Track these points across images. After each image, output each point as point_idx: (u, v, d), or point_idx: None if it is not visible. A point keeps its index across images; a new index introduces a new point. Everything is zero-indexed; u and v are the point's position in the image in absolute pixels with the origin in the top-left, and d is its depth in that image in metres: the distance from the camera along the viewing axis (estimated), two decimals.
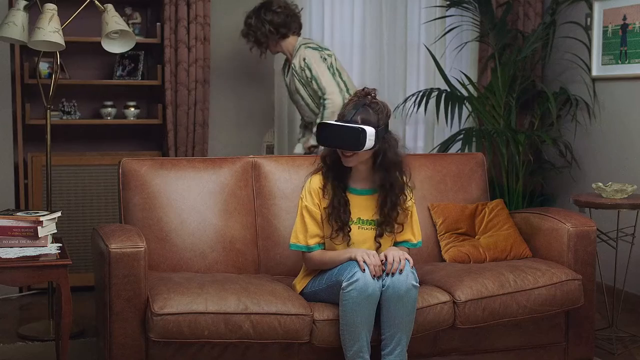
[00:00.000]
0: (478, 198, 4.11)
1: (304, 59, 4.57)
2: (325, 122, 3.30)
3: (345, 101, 4.56)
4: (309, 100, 4.66)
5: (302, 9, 4.93)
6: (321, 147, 3.48)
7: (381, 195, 3.34)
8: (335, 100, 4.52)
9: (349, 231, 3.33)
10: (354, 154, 3.26)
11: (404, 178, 3.36)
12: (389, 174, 3.32)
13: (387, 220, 3.34)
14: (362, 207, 3.35)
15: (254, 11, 4.71)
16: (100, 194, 5.00)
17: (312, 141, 4.66)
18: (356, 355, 3.16)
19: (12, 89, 4.90)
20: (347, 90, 4.61)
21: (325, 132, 3.27)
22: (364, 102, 3.29)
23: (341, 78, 4.62)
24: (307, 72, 4.56)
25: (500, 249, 3.84)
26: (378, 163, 3.31)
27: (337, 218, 3.31)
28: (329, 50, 4.72)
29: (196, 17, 5.01)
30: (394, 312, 3.16)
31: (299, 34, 4.76)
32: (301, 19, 4.80)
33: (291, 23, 4.70)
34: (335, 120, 3.30)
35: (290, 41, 4.71)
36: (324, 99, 4.54)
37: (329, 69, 4.57)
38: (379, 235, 3.36)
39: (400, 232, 3.40)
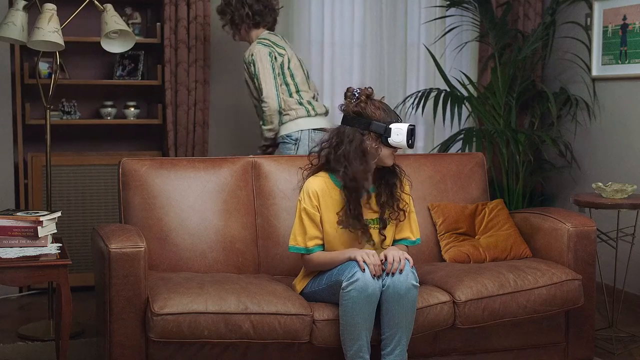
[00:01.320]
0: (478, 198, 4.11)
1: (252, 54, 4.47)
2: (412, 124, 3.28)
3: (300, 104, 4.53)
4: (255, 94, 4.56)
5: (282, 7, 4.88)
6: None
7: (379, 189, 3.36)
8: (271, 105, 4.43)
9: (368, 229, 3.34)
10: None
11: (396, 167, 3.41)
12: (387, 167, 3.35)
13: (389, 209, 3.35)
14: (364, 207, 3.34)
15: None
16: (100, 194, 5.00)
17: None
18: (356, 355, 3.16)
19: (12, 89, 4.90)
20: (298, 91, 4.52)
21: (412, 135, 3.26)
22: (380, 101, 3.32)
23: (293, 79, 4.52)
24: (252, 67, 4.47)
25: (500, 249, 3.84)
26: None
27: (357, 223, 3.29)
28: (284, 49, 4.56)
29: (196, 17, 5.01)
30: (394, 312, 3.16)
31: (269, 29, 4.65)
32: (277, 15, 4.69)
33: (267, 15, 4.60)
34: (403, 122, 3.29)
35: (258, 33, 4.60)
36: (262, 101, 4.46)
37: (274, 68, 4.45)
38: (382, 228, 3.35)
39: (400, 223, 3.40)
